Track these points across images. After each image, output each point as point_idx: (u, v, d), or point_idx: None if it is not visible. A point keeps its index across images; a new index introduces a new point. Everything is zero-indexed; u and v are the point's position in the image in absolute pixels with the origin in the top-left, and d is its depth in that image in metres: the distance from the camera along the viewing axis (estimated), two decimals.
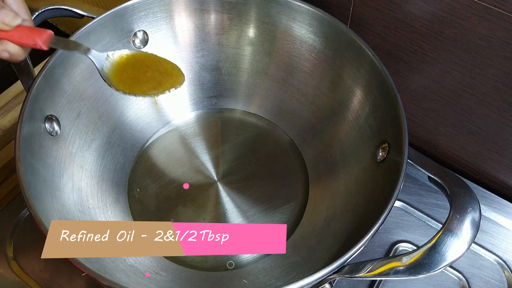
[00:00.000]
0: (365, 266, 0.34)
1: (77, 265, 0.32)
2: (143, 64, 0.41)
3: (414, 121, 0.55)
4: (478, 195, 0.52)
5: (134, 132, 0.53)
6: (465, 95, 0.48)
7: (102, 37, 0.47)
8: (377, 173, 0.43)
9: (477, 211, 0.34)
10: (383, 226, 0.50)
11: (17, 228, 0.50)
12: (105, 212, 0.46)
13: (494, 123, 0.48)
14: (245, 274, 0.45)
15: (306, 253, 0.45)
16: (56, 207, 0.40)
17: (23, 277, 0.47)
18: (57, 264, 0.47)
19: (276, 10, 0.50)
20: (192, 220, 0.48)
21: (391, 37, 0.49)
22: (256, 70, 0.55)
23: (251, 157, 0.53)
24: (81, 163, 0.46)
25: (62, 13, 0.47)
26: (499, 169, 0.52)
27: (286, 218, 0.49)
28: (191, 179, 0.51)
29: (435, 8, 0.43)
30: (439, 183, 0.37)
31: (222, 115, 0.56)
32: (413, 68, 0.50)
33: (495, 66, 0.44)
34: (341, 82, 0.49)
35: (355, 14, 0.50)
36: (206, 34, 0.53)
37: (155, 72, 0.41)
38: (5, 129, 0.58)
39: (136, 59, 0.41)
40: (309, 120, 0.53)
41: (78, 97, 0.47)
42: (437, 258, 0.32)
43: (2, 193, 0.55)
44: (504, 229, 0.50)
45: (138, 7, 0.48)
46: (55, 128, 0.44)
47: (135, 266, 0.43)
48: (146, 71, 0.41)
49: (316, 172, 0.51)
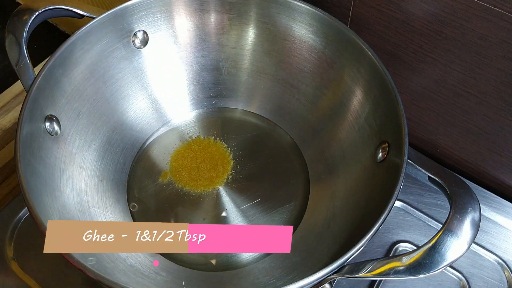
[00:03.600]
0: (365, 266, 0.34)
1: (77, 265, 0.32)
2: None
3: (414, 121, 0.55)
4: (478, 195, 0.52)
5: (134, 132, 0.53)
6: (465, 95, 0.48)
7: (102, 37, 0.47)
8: (377, 173, 0.43)
9: (477, 211, 0.34)
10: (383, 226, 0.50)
11: (17, 228, 0.50)
12: (105, 212, 0.46)
13: (494, 123, 0.48)
14: (245, 274, 0.45)
15: (306, 253, 0.45)
16: (56, 207, 0.40)
17: (23, 277, 0.47)
18: (58, 265, 0.47)
19: (276, 10, 0.50)
20: (191, 220, 0.48)
21: (391, 37, 0.49)
22: (257, 70, 0.55)
23: (251, 157, 0.53)
24: (81, 163, 0.46)
25: (62, 13, 0.47)
26: (499, 169, 0.52)
27: (286, 218, 0.49)
28: (191, 179, 0.51)
29: (435, 8, 0.43)
30: (439, 183, 0.37)
31: (222, 115, 0.56)
32: (413, 68, 0.50)
33: (495, 66, 0.44)
34: (341, 82, 0.49)
35: (355, 14, 0.50)
36: (206, 34, 0.53)
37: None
38: (5, 129, 0.59)
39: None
40: (309, 120, 0.53)
41: (78, 97, 0.47)
42: (437, 258, 0.32)
43: (2, 193, 0.55)
44: (504, 229, 0.50)
45: (138, 7, 0.48)
46: (55, 128, 0.44)
47: (135, 266, 0.43)
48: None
49: (316, 172, 0.51)
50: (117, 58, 0.50)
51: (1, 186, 0.56)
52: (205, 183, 0.51)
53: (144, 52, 0.52)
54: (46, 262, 0.47)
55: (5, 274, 0.47)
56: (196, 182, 0.51)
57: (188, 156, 0.53)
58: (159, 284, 0.43)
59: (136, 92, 0.53)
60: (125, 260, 0.42)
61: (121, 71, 0.51)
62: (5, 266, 0.47)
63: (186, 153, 0.53)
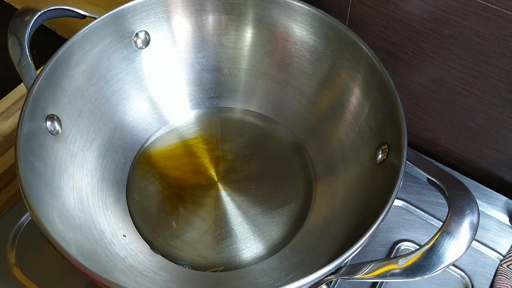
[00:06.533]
0: (362, 268, 0.33)
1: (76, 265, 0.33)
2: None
3: (414, 120, 0.55)
4: (479, 193, 0.52)
5: (135, 132, 0.53)
6: (464, 93, 0.48)
7: (104, 38, 0.48)
8: (376, 174, 0.43)
9: (476, 213, 0.33)
10: (385, 225, 0.50)
11: (19, 234, 0.50)
12: (105, 212, 0.46)
13: (493, 121, 0.48)
14: (244, 275, 0.45)
15: (305, 254, 0.45)
16: (56, 206, 0.40)
17: (26, 283, 0.46)
18: (60, 270, 0.47)
19: (277, 11, 0.50)
20: (191, 220, 0.48)
21: (389, 37, 0.49)
22: (258, 70, 0.55)
23: (251, 158, 0.53)
24: (82, 163, 0.46)
25: (64, 13, 0.47)
26: (499, 167, 0.52)
27: (286, 218, 0.49)
28: (191, 179, 0.51)
29: (433, 7, 0.43)
30: (437, 185, 0.36)
31: (223, 115, 0.57)
32: (412, 67, 0.50)
33: (494, 63, 0.44)
34: (341, 82, 0.49)
35: (353, 14, 0.50)
36: (208, 35, 0.53)
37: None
38: (5, 135, 0.58)
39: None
40: (310, 120, 0.53)
41: (79, 96, 0.47)
42: (434, 260, 0.32)
43: (3, 199, 0.55)
44: (505, 226, 0.50)
45: (140, 8, 0.49)
46: (56, 127, 0.44)
47: (134, 265, 0.43)
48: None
49: (316, 173, 0.51)
50: (118, 59, 0.50)
51: (2, 192, 0.55)
52: (206, 183, 0.51)
53: (146, 52, 0.52)
54: (48, 268, 0.47)
55: (8, 280, 0.47)
56: (196, 182, 0.51)
57: (188, 156, 0.53)
58: (157, 283, 0.42)
59: (138, 93, 0.53)
60: (124, 259, 0.42)
61: (123, 71, 0.51)
62: (7, 272, 0.47)
63: (186, 153, 0.53)
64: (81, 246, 0.39)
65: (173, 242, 0.47)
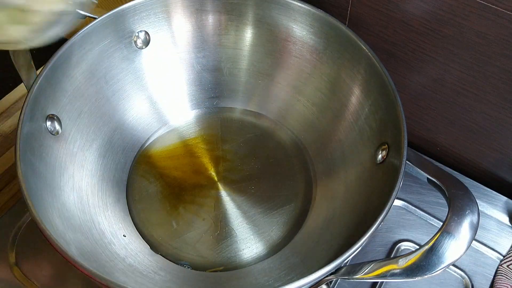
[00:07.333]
0: (362, 268, 0.33)
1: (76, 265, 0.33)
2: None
3: (414, 120, 0.55)
4: (479, 193, 0.52)
5: (135, 132, 0.53)
6: (464, 93, 0.48)
7: (104, 38, 0.48)
8: (376, 174, 0.43)
9: (476, 214, 0.33)
10: (385, 225, 0.50)
11: (19, 234, 0.50)
12: (105, 212, 0.46)
13: (493, 121, 0.48)
14: (244, 275, 0.45)
15: (305, 254, 0.45)
16: (56, 206, 0.40)
17: (26, 283, 0.46)
18: (61, 270, 0.47)
19: (277, 11, 0.50)
20: (191, 220, 0.48)
21: (389, 37, 0.49)
22: (258, 71, 0.55)
23: (252, 158, 0.53)
24: (82, 162, 0.46)
25: None
26: (499, 167, 0.52)
27: (286, 218, 0.49)
28: (191, 179, 0.51)
29: (433, 7, 0.43)
30: (437, 185, 0.36)
31: (223, 115, 0.57)
32: (412, 67, 0.50)
33: (494, 63, 0.44)
34: (341, 82, 0.49)
35: (353, 14, 0.50)
36: (208, 35, 0.53)
37: None
38: (5, 135, 0.58)
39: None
40: (310, 120, 0.53)
41: (79, 96, 0.47)
42: (434, 260, 0.32)
43: (3, 199, 0.55)
44: (505, 226, 0.50)
45: (140, 8, 0.49)
46: (56, 127, 0.44)
47: (133, 265, 0.43)
48: None
49: (316, 173, 0.51)
50: (118, 59, 0.50)
51: (2, 192, 0.55)
52: (206, 183, 0.51)
53: (146, 52, 0.52)
54: (48, 268, 0.47)
55: (8, 280, 0.47)
56: (196, 182, 0.51)
57: (188, 156, 0.53)
58: (157, 283, 0.42)
59: (138, 92, 0.53)
60: (123, 259, 0.43)
61: (123, 71, 0.51)
62: (7, 272, 0.47)
63: (186, 153, 0.53)
64: (81, 246, 0.39)
65: (173, 242, 0.47)
